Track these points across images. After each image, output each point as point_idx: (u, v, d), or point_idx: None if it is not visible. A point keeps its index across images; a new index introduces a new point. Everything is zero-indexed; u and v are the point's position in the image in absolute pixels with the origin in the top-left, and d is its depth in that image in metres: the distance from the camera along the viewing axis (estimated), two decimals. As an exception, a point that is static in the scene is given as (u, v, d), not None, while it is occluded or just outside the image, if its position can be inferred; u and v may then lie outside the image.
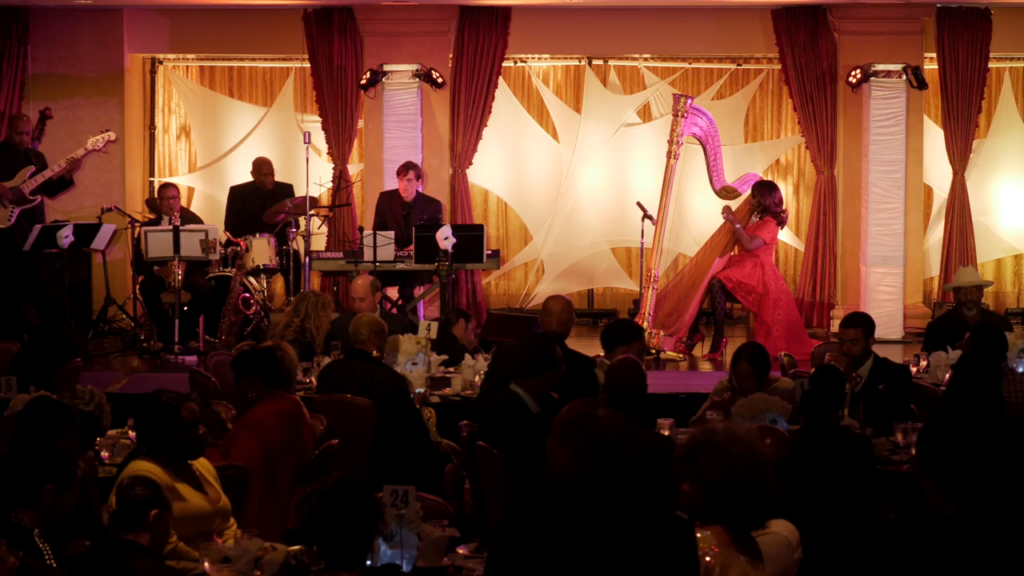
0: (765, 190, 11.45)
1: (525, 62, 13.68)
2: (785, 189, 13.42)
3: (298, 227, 11.61)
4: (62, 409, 5.30)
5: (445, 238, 10.84)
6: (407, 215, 11.83)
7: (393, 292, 12.06)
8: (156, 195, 12.53)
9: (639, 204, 11.67)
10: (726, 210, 11.47)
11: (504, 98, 13.39)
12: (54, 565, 4.25)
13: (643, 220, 11.55)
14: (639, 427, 6.10)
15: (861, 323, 7.63)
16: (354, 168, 13.24)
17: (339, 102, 12.95)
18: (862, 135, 12.78)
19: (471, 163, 13.05)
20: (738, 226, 11.29)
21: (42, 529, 4.37)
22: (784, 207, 11.71)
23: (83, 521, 4.88)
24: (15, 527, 4.31)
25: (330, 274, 12.42)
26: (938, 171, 13.23)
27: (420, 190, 12.11)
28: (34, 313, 9.23)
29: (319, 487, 4.17)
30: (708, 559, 3.74)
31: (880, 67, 12.56)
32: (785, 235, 13.05)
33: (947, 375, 7.89)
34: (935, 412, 3.86)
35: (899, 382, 7.43)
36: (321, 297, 9.18)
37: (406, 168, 11.94)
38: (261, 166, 12.54)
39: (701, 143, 11.62)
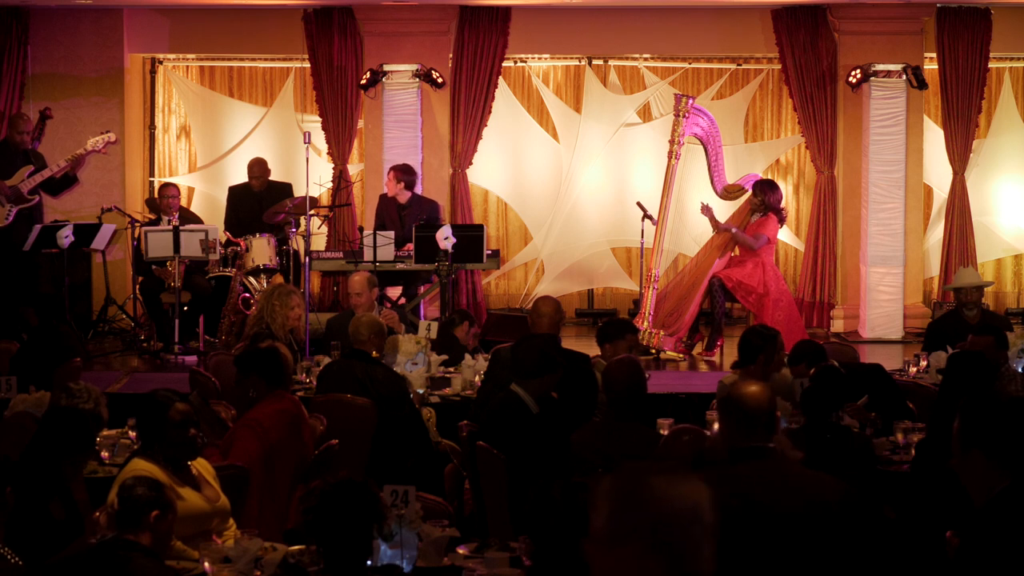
0: (768, 188, 11.45)
1: (525, 62, 13.67)
2: (785, 189, 13.41)
3: (298, 227, 11.60)
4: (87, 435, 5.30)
5: (445, 238, 10.84)
6: (402, 217, 11.83)
7: (395, 292, 12.06)
8: (156, 195, 12.52)
9: (639, 204, 11.66)
10: (706, 209, 11.48)
11: (504, 98, 13.38)
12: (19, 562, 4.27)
13: (643, 220, 11.55)
14: (639, 427, 6.10)
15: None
16: (354, 168, 13.24)
17: (339, 102, 12.94)
18: (862, 135, 12.78)
19: (471, 163, 13.04)
20: (735, 230, 11.28)
21: (3, 533, 4.37)
22: (783, 206, 11.72)
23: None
24: None
25: (330, 274, 12.41)
26: (938, 171, 13.22)
27: (419, 191, 12.11)
28: (32, 313, 9.23)
29: (323, 485, 4.13)
30: None
31: (880, 67, 12.54)
32: (785, 235, 13.04)
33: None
34: (970, 397, 3.96)
35: (879, 386, 7.38)
36: (277, 288, 8.98)
37: (390, 169, 11.99)
38: (252, 167, 12.52)
39: (702, 143, 11.62)
